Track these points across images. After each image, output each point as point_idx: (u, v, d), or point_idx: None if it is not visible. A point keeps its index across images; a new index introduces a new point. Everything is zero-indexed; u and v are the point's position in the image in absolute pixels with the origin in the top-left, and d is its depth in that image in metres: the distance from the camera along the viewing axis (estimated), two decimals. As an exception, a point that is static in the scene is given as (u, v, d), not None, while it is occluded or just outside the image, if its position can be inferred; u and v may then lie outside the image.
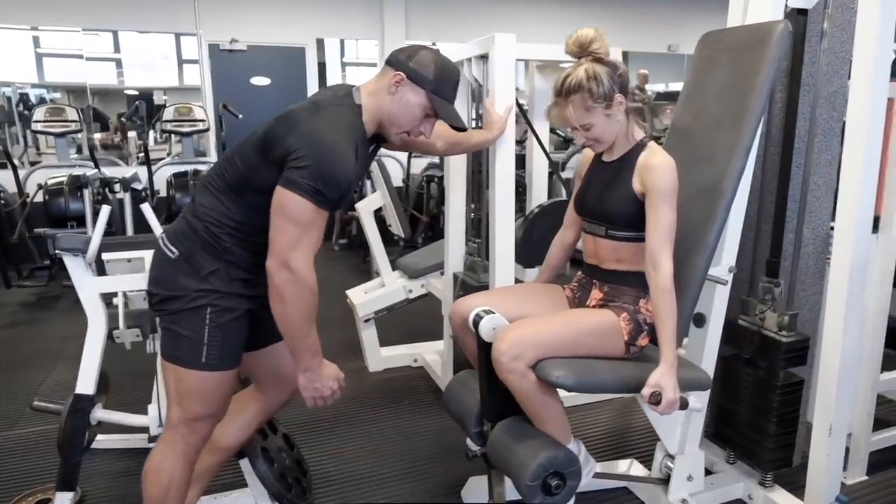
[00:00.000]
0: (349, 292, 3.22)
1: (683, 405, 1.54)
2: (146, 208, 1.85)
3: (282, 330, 1.47)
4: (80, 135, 5.43)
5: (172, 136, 5.34)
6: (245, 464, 1.92)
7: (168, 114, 4.90)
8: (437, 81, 1.54)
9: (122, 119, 5.75)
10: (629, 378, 1.52)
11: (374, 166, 3.09)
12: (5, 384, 3.05)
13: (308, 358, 1.50)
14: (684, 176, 1.79)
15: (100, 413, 2.06)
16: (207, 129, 4.95)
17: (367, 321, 3.10)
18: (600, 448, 2.45)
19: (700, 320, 1.89)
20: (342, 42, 6.64)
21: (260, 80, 6.05)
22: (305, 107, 1.50)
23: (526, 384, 1.52)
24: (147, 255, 2.29)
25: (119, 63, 6.09)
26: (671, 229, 1.53)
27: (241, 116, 4.94)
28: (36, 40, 5.82)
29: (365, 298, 3.09)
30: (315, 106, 1.49)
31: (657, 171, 1.54)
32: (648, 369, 1.52)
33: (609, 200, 1.64)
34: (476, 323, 1.61)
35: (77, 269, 1.81)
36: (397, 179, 6.17)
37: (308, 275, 1.42)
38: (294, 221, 1.39)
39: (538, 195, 2.84)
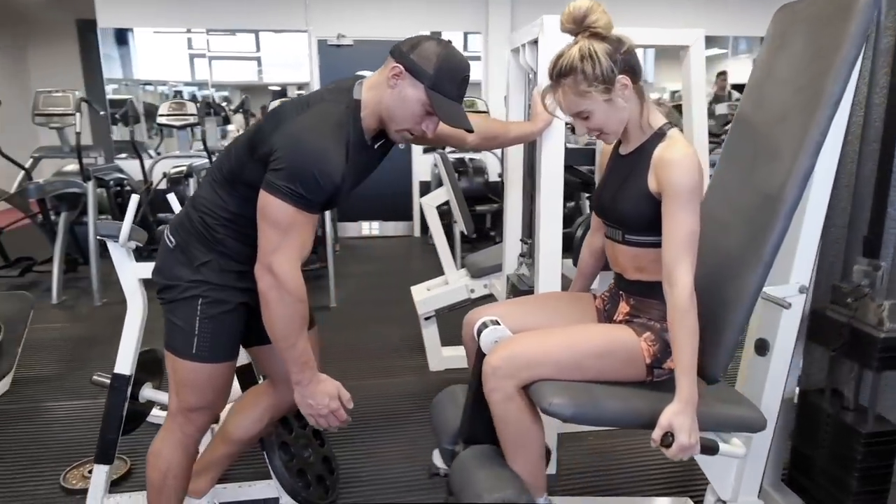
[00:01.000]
0: (413, 288, 3.16)
1: (709, 449, 1.29)
2: (171, 196, 1.89)
3: (270, 337, 1.43)
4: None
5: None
6: (269, 456, 1.92)
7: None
8: (438, 76, 1.42)
9: (231, 112, 6.14)
10: (642, 411, 1.30)
11: (437, 160, 3.00)
12: (103, 356, 3.34)
13: (297, 370, 1.44)
14: (743, 177, 1.52)
15: (148, 392, 2.15)
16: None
17: (427, 319, 3.02)
18: (655, 480, 2.18)
19: (762, 348, 1.59)
20: (465, 35, 6.58)
21: (365, 74, 6.16)
22: (296, 102, 1.45)
23: (508, 409, 1.36)
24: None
25: (259, 61, 6.47)
26: (690, 237, 1.28)
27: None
28: (189, 42, 6.35)
29: (425, 296, 3.01)
30: (306, 102, 1.44)
31: (673, 167, 1.30)
32: (669, 401, 1.29)
33: (622, 200, 1.42)
34: (479, 333, 1.47)
35: (117, 254, 1.89)
36: (493, 174, 6.04)
37: (291, 280, 1.37)
38: (275, 224, 1.35)
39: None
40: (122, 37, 6.22)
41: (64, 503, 2.02)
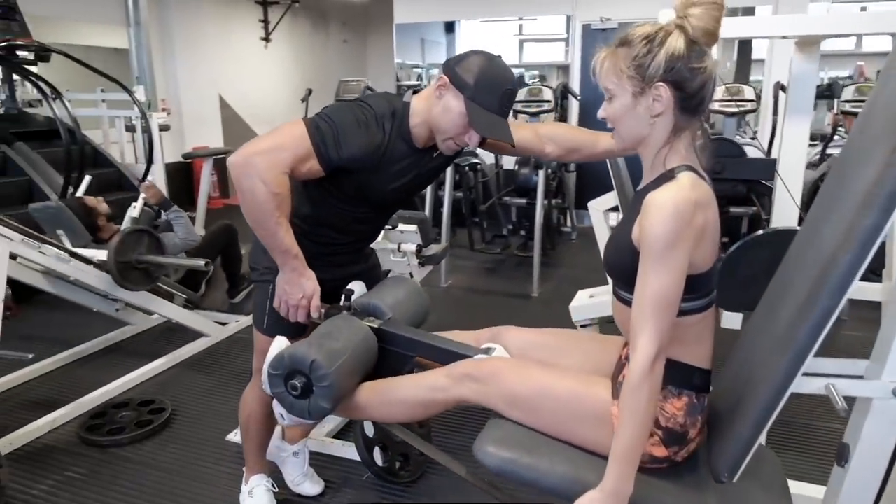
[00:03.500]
0: (580, 292, 3.02)
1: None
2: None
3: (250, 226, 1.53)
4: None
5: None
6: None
7: (521, 95, 5.25)
8: (477, 88, 1.47)
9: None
10: (587, 484, 1.10)
11: (608, 164, 2.75)
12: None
13: (279, 257, 1.52)
14: (816, 229, 1.16)
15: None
16: (551, 111, 5.12)
17: (583, 327, 2.87)
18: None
19: (841, 455, 1.19)
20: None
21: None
22: (351, 100, 1.59)
23: (427, 392, 1.33)
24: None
25: (567, 41, 6.65)
26: (658, 301, 1.04)
27: (579, 98, 4.95)
28: (520, 28, 6.87)
29: (585, 302, 2.85)
30: (365, 95, 1.62)
31: (652, 214, 1.05)
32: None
33: (610, 245, 1.22)
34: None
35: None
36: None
37: (265, 172, 1.38)
38: (277, 134, 1.45)
39: (784, 214, 2.07)
40: (450, 26, 7.01)
41: (234, 419, 2.55)
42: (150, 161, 5.16)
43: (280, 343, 1.44)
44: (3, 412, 2.55)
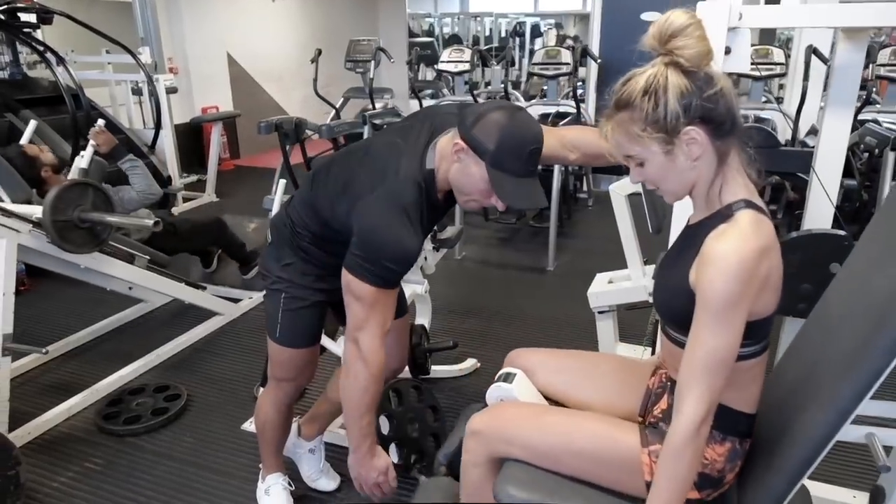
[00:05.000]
0: (599, 276, 2.95)
1: None
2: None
3: (341, 402, 1.56)
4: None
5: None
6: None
7: (538, 56, 5.06)
8: (498, 152, 1.33)
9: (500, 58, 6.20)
10: None
11: None
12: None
13: (356, 439, 1.56)
14: (873, 266, 1.07)
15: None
16: (570, 74, 4.92)
17: (601, 313, 2.82)
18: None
19: (876, 499, 1.15)
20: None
21: (653, 17, 5.55)
22: (375, 170, 1.47)
23: (470, 473, 1.28)
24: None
25: None
26: (710, 361, 0.98)
27: (599, 61, 4.73)
28: None
29: (603, 288, 2.79)
30: (382, 175, 1.44)
31: (710, 265, 0.99)
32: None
33: (662, 282, 1.16)
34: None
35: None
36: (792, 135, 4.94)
37: (374, 357, 1.46)
38: (359, 300, 1.45)
39: (818, 213, 1.97)
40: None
41: (248, 406, 2.56)
42: (158, 126, 5.06)
43: None
44: (20, 397, 2.56)
